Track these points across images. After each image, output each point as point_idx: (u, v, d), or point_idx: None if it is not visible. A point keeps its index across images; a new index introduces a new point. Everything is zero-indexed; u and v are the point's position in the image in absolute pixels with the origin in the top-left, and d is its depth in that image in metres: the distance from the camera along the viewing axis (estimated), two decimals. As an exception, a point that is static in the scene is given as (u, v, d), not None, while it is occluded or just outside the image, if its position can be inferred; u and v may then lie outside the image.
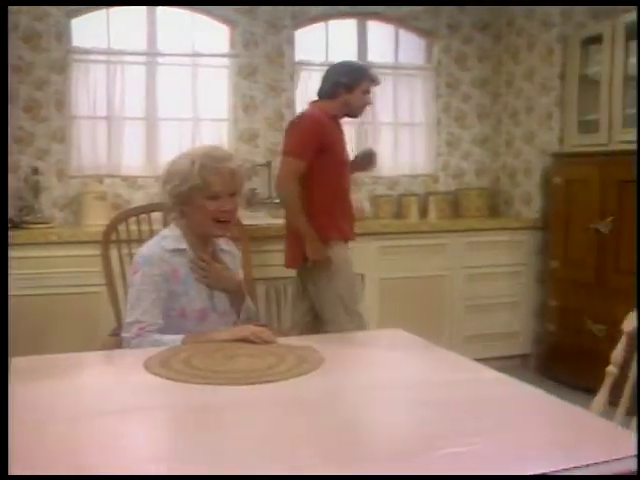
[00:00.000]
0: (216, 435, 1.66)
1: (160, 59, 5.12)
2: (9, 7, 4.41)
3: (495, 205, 5.77)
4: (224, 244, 2.89)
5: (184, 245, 2.68)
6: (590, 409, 2.14)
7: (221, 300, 2.77)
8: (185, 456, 1.53)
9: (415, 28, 5.67)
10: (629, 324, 2.30)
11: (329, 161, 3.74)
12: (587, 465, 1.45)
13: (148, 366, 2.15)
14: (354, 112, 3.94)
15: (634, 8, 4.45)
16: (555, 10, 5.09)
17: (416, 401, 1.92)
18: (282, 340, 2.52)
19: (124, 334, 2.56)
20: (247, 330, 2.48)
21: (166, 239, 2.69)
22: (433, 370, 2.29)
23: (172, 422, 1.84)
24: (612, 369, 2.29)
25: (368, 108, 4.12)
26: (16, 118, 4.68)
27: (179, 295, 2.64)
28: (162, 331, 2.54)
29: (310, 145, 3.68)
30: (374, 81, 3.94)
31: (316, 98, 3.94)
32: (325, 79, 3.90)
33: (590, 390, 2.43)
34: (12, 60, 4.54)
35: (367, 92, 3.89)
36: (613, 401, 2.25)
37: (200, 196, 2.61)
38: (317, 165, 3.69)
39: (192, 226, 2.71)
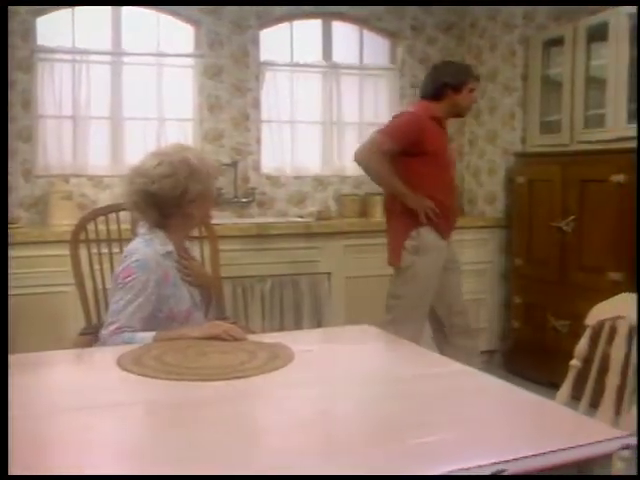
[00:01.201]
0: (190, 431, 1.66)
1: (125, 59, 5.10)
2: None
3: (459, 204, 5.82)
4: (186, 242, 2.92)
5: (171, 247, 2.68)
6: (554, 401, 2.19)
7: (196, 296, 2.79)
8: (160, 452, 1.55)
9: (379, 29, 5.71)
10: (593, 318, 2.36)
11: (429, 164, 3.73)
12: (554, 451, 1.50)
13: (121, 363, 2.16)
14: (462, 112, 3.97)
15: (599, 8, 4.54)
16: (517, 12, 5.15)
17: (386, 394, 1.96)
18: (252, 337, 2.54)
19: (102, 331, 2.55)
20: (218, 328, 2.48)
21: (154, 242, 2.65)
22: (402, 364, 2.33)
23: (146, 418, 1.85)
24: (576, 362, 2.35)
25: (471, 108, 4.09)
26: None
27: (168, 297, 2.64)
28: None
29: (404, 135, 3.65)
30: (478, 79, 3.98)
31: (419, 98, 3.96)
32: (430, 80, 3.89)
33: (554, 385, 2.48)
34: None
35: (472, 90, 3.90)
36: (576, 395, 2.31)
37: (210, 190, 2.72)
38: (418, 168, 3.68)
39: (187, 224, 2.75)
